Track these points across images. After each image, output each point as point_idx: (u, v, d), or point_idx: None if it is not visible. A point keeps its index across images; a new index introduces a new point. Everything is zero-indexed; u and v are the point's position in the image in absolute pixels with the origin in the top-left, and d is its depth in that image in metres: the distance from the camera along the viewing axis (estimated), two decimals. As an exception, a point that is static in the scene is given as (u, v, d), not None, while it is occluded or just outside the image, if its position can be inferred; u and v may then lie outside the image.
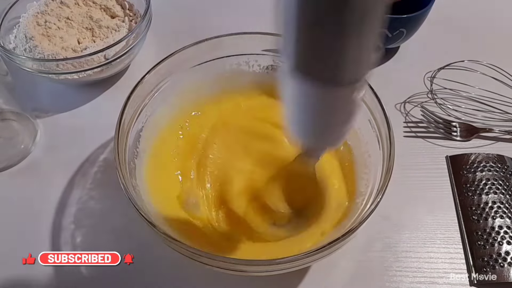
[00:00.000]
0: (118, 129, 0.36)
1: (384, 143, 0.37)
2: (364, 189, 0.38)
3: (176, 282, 0.40)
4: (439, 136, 0.51)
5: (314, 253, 0.31)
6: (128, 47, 0.50)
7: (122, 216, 0.42)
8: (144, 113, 0.41)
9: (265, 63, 0.46)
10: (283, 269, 0.32)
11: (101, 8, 0.56)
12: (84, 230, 0.43)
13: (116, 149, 0.35)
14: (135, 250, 0.41)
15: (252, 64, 0.46)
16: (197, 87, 0.45)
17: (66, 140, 0.50)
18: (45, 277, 0.40)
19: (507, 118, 0.51)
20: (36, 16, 0.53)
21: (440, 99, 0.53)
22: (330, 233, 0.37)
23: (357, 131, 0.41)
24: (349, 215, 0.37)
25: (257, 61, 0.46)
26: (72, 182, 0.46)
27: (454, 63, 0.57)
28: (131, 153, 0.38)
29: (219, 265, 0.31)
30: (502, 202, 0.43)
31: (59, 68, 0.48)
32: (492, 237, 0.41)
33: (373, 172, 0.38)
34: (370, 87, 0.39)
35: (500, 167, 0.46)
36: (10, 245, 0.42)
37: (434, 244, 0.42)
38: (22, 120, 0.49)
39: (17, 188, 0.46)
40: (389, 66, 0.59)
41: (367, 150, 0.40)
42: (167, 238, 0.31)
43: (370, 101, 0.40)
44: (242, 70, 0.46)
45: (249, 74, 0.46)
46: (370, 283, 0.40)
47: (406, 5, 0.55)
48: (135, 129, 0.40)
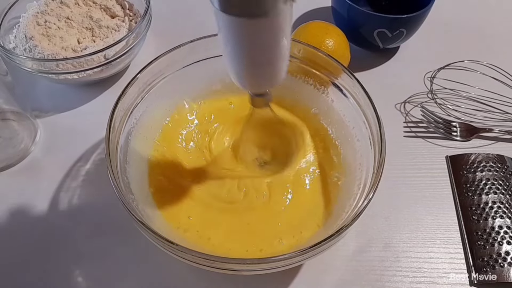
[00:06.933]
0: (109, 129, 0.36)
1: (375, 138, 0.37)
2: (354, 175, 0.40)
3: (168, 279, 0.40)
4: (439, 136, 0.51)
5: (307, 250, 0.31)
6: (128, 47, 0.50)
7: (123, 216, 0.42)
8: (135, 112, 0.41)
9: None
10: (276, 268, 0.32)
11: (101, 8, 0.56)
12: (84, 230, 0.43)
13: (108, 149, 0.35)
14: (134, 249, 0.41)
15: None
16: (192, 86, 0.45)
17: (66, 140, 0.50)
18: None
19: (507, 118, 0.51)
20: (36, 16, 0.53)
21: (440, 99, 0.53)
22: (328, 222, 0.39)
23: (348, 123, 0.43)
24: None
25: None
26: (72, 182, 0.46)
27: (454, 63, 0.57)
28: (123, 153, 0.39)
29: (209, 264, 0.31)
30: (502, 202, 0.43)
31: (59, 68, 0.48)
32: (492, 237, 0.41)
33: (365, 169, 0.38)
34: (360, 83, 0.40)
35: (500, 167, 0.46)
36: (10, 245, 0.42)
37: (434, 244, 0.42)
38: (22, 120, 0.49)
39: (17, 188, 0.46)
40: (389, 66, 0.59)
41: (359, 145, 0.41)
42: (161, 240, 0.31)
43: (361, 98, 0.40)
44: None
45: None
46: (370, 283, 0.40)
47: (406, 5, 0.56)
48: (127, 128, 0.40)
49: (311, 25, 0.53)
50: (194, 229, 0.39)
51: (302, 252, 0.31)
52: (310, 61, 0.44)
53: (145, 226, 0.32)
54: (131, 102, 0.40)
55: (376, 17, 0.52)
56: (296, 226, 0.39)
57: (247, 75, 0.31)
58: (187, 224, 0.39)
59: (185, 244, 0.31)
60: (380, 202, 0.44)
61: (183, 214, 0.40)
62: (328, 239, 0.31)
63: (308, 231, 0.39)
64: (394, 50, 0.60)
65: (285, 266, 0.32)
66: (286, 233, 0.39)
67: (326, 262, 0.41)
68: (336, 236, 0.31)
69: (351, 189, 0.39)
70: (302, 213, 0.40)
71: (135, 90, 0.40)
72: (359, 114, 0.41)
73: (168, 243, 0.31)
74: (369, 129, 0.39)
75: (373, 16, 0.52)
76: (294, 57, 0.45)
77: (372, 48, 0.58)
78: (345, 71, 0.41)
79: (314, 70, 0.44)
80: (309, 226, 0.39)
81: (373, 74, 0.58)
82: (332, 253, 0.41)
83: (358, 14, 0.53)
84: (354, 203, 0.36)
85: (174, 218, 0.39)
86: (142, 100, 0.42)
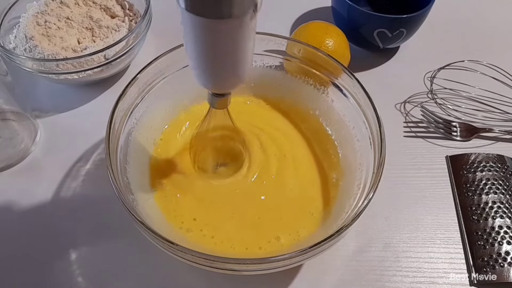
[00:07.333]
0: (109, 129, 0.36)
1: (375, 138, 0.37)
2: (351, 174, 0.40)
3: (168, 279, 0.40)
4: (439, 136, 0.51)
5: (307, 250, 0.31)
6: (128, 47, 0.50)
7: (123, 216, 0.42)
8: (135, 112, 0.41)
9: (263, 63, 0.46)
10: (276, 268, 0.32)
11: (101, 8, 0.56)
12: (84, 230, 0.43)
13: (108, 149, 0.35)
14: (135, 250, 0.41)
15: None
16: (192, 87, 0.45)
17: (66, 140, 0.50)
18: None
19: (507, 118, 0.51)
20: (36, 16, 0.53)
21: (440, 99, 0.53)
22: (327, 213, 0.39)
23: (347, 123, 0.43)
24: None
25: (256, 61, 0.46)
26: (72, 182, 0.46)
27: (454, 63, 0.57)
28: (123, 153, 0.39)
29: (209, 264, 0.31)
30: (502, 202, 0.43)
31: (59, 68, 0.48)
32: (492, 237, 0.41)
33: (365, 169, 0.38)
34: (360, 83, 0.39)
35: (500, 167, 0.46)
36: (10, 245, 0.42)
37: (434, 244, 0.42)
38: (22, 120, 0.49)
39: (17, 188, 0.46)
40: (389, 66, 0.59)
41: (359, 145, 0.41)
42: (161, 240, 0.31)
43: (361, 98, 0.40)
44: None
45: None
46: (370, 283, 0.40)
47: (406, 5, 0.56)
48: (127, 129, 0.40)
49: (311, 25, 0.53)
50: (197, 229, 0.39)
51: (302, 252, 0.31)
52: (310, 61, 0.44)
53: (145, 226, 0.32)
54: (131, 102, 0.40)
55: (376, 17, 0.52)
56: (293, 225, 0.39)
57: (209, 75, 0.31)
58: (189, 224, 0.39)
59: (188, 243, 0.31)
60: (380, 202, 0.44)
61: (185, 214, 0.40)
62: (328, 239, 0.31)
63: (305, 229, 0.39)
64: (394, 50, 0.60)
65: (285, 266, 0.32)
66: (284, 232, 0.39)
67: (326, 262, 0.41)
68: (336, 236, 0.32)
69: (351, 189, 0.39)
70: (299, 212, 0.40)
71: (135, 90, 0.40)
72: (359, 114, 0.41)
73: (168, 243, 0.31)
74: (369, 129, 0.39)
75: (373, 16, 0.52)
76: (294, 57, 0.45)
77: (372, 48, 0.58)
78: (345, 71, 0.41)
79: (314, 70, 0.44)
80: (306, 225, 0.39)
81: (373, 74, 0.58)
82: (332, 253, 0.41)
83: (358, 14, 0.53)
84: (354, 203, 0.36)
85: (175, 218, 0.40)
86: (142, 100, 0.42)
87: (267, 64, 0.46)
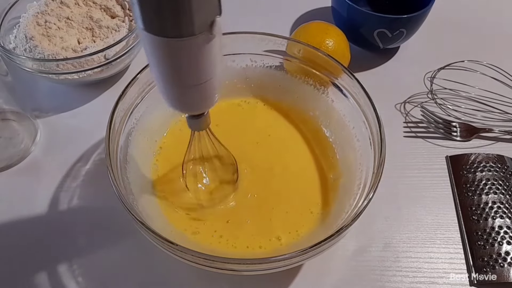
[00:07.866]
0: (109, 129, 0.36)
1: (375, 138, 0.37)
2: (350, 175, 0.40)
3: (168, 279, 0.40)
4: (439, 136, 0.51)
5: (307, 250, 0.31)
6: (128, 47, 0.50)
7: (123, 216, 0.42)
8: (135, 112, 0.41)
9: (263, 64, 0.46)
10: (276, 268, 0.32)
11: (101, 8, 0.56)
12: (84, 230, 0.43)
13: (108, 149, 0.35)
14: (135, 250, 0.41)
15: (247, 64, 0.46)
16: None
17: (66, 140, 0.50)
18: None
19: (507, 118, 0.51)
20: (36, 16, 0.53)
21: (440, 99, 0.53)
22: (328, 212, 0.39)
23: (348, 123, 0.43)
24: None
25: (256, 61, 0.46)
26: (72, 182, 0.46)
27: (454, 63, 0.57)
28: (123, 153, 0.39)
29: (209, 264, 0.32)
30: (502, 202, 0.43)
31: (59, 68, 0.48)
32: (492, 237, 0.41)
33: (365, 169, 0.38)
34: (360, 83, 0.39)
35: (500, 167, 0.46)
36: (10, 245, 0.42)
37: (434, 244, 0.42)
38: (22, 120, 0.49)
39: (17, 188, 0.46)
40: (389, 66, 0.59)
41: (359, 145, 0.41)
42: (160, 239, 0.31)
43: (361, 98, 0.40)
44: (234, 68, 0.46)
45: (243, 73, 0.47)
46: (370, 283, 0.40)
47: (406, 5, 0.56)
48: (127, 129, 0.40)
49: (311, 25, 0.53)
50: (198, 228, 0.39)
51: (302, 252, 0.31)
52: (310, 61, 0.44)
53: (145, 226, 0.32)
54: (131, 102, 0.40)
55: (376, 17, 0.52)
56: (293, 223, 0.39)
57: (176, 97, 0.30)
58: (190, 223, 0.39)
59: (189, 243, 0.31)
60: (380, 202, 0.44)
61: (186, 214, 0.40)
62: (328, 239, 0.31)
63: (305, 228, 0.39)
64: (394, 50, 0.60)
65: (285, 266, 0.32)
66: (284, 230, 0.39)
67: (326, 262, 0.41)
68: (336, 236, 0.32)
69: (351, 189, 0.39)
70: (299, 210, 0.40)
71: (135, 90, 0.40)
72: (359, 114, 0.41)
73: (168, 243, 0.31)
74: (369, 129, 0.39)
75: (373, 16, 0.52)
76: (294, 57, 0.45)
77: (372, 48, 0.58)
78: (345, 71, 0.41)
79: (314, 70, 0.44)
80: (306, 223, 0.39)
81: (373, 74, 0.58)
82: (332, 253, 0.41)
83: (358, 14, 0.53)
84: (354, 203, 0.36)
85: (176, 218, 0.40)
86: (142, 100, 0.42)
87: (267, 64, 0.46)
